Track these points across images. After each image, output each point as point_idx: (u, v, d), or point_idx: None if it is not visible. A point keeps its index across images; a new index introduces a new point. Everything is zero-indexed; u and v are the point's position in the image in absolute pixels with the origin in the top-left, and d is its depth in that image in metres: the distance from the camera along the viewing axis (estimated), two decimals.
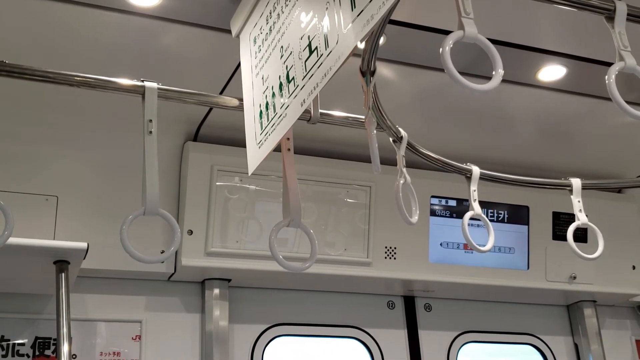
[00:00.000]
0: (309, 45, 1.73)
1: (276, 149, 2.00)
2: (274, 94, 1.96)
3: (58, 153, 3.37)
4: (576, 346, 4.42)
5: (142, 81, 2.12)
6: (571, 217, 2.60)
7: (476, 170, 2.55)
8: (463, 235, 2.37)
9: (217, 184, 3.48)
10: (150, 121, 2.07)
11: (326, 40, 1.64)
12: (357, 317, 3.99)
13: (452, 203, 3.98)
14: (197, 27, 2.70)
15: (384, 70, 3.01)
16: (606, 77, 1.56)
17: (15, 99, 3.05)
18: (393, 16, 1.65)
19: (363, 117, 2.10)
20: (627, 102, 1.52)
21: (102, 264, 3.33)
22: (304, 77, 1.75)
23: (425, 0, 2.55)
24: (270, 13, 2.03)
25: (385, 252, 3.80)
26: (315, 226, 3.58)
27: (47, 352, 3.34)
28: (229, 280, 3.68)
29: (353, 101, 2.25)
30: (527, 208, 4.15)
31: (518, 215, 4.14)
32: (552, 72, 3.10)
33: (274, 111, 1.95)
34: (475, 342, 4.22)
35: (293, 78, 1.82)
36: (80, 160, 3.42)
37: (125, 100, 2.17)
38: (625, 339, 4.57)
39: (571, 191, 2.65)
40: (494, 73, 1.45)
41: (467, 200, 2.50)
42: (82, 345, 3.40)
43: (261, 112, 2.06)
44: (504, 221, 4.09)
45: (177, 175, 3.54)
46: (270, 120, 1.98)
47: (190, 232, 3.42)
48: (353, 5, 1.52)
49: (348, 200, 3.74)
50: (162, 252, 3.12)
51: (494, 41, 1.50)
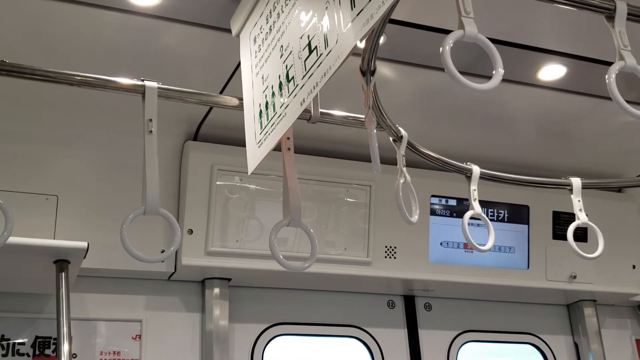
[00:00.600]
0: (309, 45, 1.73)
1: (276, 148, 2.00)
2: (273, 94, 1.96)
3: (58, 152, 3.37)
4: (576, 345, 4.42)
5: (142, 80, 2.12)
6: (571, 217, 2.60)
7: (476, 170, 2.55)
8: (463, 234, 2.37)
9: (217, 183, 3.48)
10: (150, 121, 2.07)
11: (326, 39, 1.64)
12: (357, 317, 3.99)
13: (452, 202, 3.98)
14: (197, 26, 2.70)
15: (384, 70, 3.01)
16: (606, 76, 1.56)
17: (15, 98, 3.05)
18: (393, 15, 1.65)
19: (363, 116, 2.10)
20: (628, 102, 1.52)
21: (102, 264, 3.33)
22: (304, 76, 1.75)
23: None
24: (270, 12, 2.03)
25: (386, 252, 3.79)
26: (316, 225, 3.58)
27: (47, 352, 3.34)
28: (229, 280, 3.68)
29: (353, 100, 2.25)
30: (527, 207, 4.14)
31: (518, 214, 4.13)
32: (552, 71, 3.09)
33: (274, 110, 1.95)
34: (475, 342, 4.22)
35: (293, 77, 1.82)
36: (80, 160, 3.42)
37: (126, 99, 2.17)
38: (625, 339, 4.56)
39: (571, 190, 2.65)
40: (494, 72, 1.45)
41: (467, 200, 2.50)
42: (83, 344, 3.40)
43: (261, 111, 2.06)
44: (504, 220, 4.09)
45: (177, 174, 3.54)
46: (270, 119, 1.98)
47: (191, 231, 3.42)
48: (353, 4, 1.52)
49: (348, 199, 3.74)
50: (163, 251, 3.14)
51: (494, 40, 1.50)
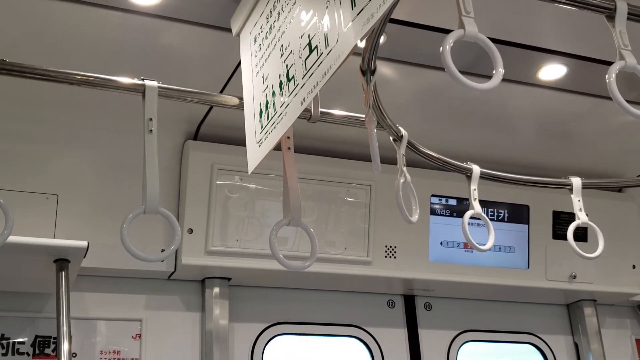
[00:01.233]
0: (309, 44, 1.73)
1: (276, 147, 2.00)
2: (274, 93, 1.96)
3: (58, 152, 3.37)
4: (576, 345, 4.42)
5: (143, 80, 2.12)
6: (571, 216, 2.60)
7: (476, 169, 2.55)
8: (463, 234, 2.37)
9: (217, 182, 3.48)
10: (150, 120, 2.07)
11: (326, 39, 1.64)
12: (357, 316, 3.99)
13: (453, 202, 3.98)
14: (197, 25, 2.70)
15: (384, 69, 3.01)
16: (607, 76, 1.56)
17: (15, 97, 3.05)
18: (393, 15, 1.65)
19: (363, 116, 2.10)
20: (628, 101, 1.51)
21: (102, 263, 3.33)
22: (304, 75, 1.75)
23: None
24: (270, 12, 2.03)
25: (386, 251, 3.79)
26: (316, 225, 3.57)
27: (47, 351, 3.34)
28: (229, 279, 3.67)
29: (353, 100, 2.25)
30: (527, 207, 4.14)
31: (518, 214, 4.13)
32: (552, 71, 3.09)
33: (274, 110, 1.95)
34: (475, 341, 4.22)
35: (293, 77, 1.82)
36: (80, 159, 3.42)
37: (126, 98, 2.17)
38: (625, 338, 4.56)
39: (571, 190, 2.66)
40: (494, 72, 1.45)
41: (467, 199, 2.50)
42: (82, 343, 3.40)
43: (261, 110, 2.06)
44: (504, 220, 4.09)
45: (178, 174, 3.54)
46: (270, 119, 1.98)
47: (191, 230, 3.42)
48: (353, 4, 1.52)
49: (348, 199, 3.74)
50: (163, 250, 3.15)
51: (494, 40, 1.50)
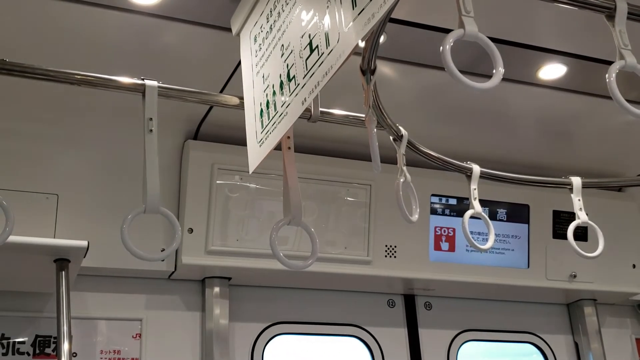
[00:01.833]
0: (310, 44, 1.73)
1: (276, 147, 2.00)
2: (274, 93, 1.96)
3: (58, 151, 3.37)
4: (576, 345, 4.42)
5: (143, 79, 2.12)
6: (571, 216, 2.60)
7: (476, 169, 2.55)
8: (463, 233, 2.37)
9: (217, 182, 3.48)
10: (150, 119, 2.07)
11: (327, 38, 1.64)
12: (357, 316, 3.99)
13: (453, 201, 3.98)
14: (197, 25, 2.70)
15: (384, 69, 3.01)
16: (607, 75, 1.56)
17: (15, 97, 3.05)
18: (393, 15, 1.65)
19: (363, 115, 2.10)
20: (628, 101, 1.51)
21: (103, 262, 3.33)
22: (305, 75, 1.75)
23: None
24: (270, 11, 2.03)
25: (386, 251, 3.79)
26: (316, 225, 3.57)
27: (47, 351, 3.34)
28: (229, 279, 3.67)
29: (353, 100, 2.25)
30: (527, 206, 4.14)
31: (518, 213, 4.13)
32: (552, 70, 3.10)
33: (275, 110, 1.95)
34: (475, 341, 4.22)
35: (294, 77, 1.82)
36: (80, 159, 3.42)
37: (126, 98, 2.17)
38: (626, 338, 4.56)
39: (571, 190, 2.66)
40: (494, 71, 1.45)
41: (467, 199, 2.51)
42: (83, 343, 3.40)
43: (262, 110, 2.06)
44: (504, 220, 4.09)
45: (178, 173, 3.54)
46: (270, 118, 1.98)
47: (191, 230, 3.42)
48: (354, 4, 1.52)
49: (348, 198, 3.74)
50: (163, 250, 3.13)
51: (494, 40, 1.50)
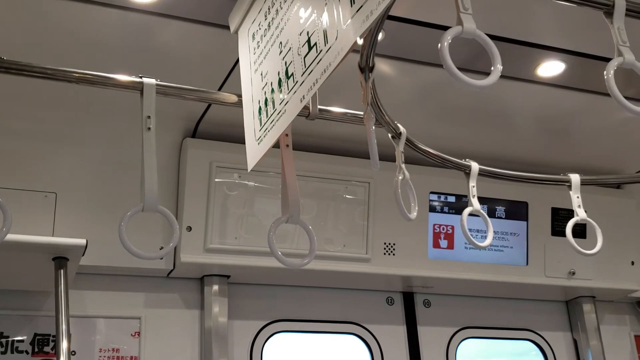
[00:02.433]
0: (308, 41, 1.73)
1: (275, 145, 2.00)
2: (272, 90, 1.95)
3: (57, 150, 3.37)
4: (575, 342, 4.42)
5: (141, 77, 2.12)
6: (570, 213, 2.60)
7: (475, 166, 2.55)
8: (462, 231, 2.37)
9: (216, 180, 3.47)
10: (148, 117, 2.07)
11: (325, 36, 1.64)
12: (356, 313, 3.99)
13: (451, 199, 3.98)
14: (195, 23, 2.70)
15: (382, 66, 3.01)
16: (605, 72, 1.56)
17: (13, 95, 3.04)
18: (392, 12, 1.64)
19: (362, 113, 2.10)
20: (626, 98, 1.51)
21: (101, 261, 3.33)
22: (303, 73, 1.75)
23: None
24: (268, 9, 2.02)
25: (384, 248, 3.80)
26: (314, 222, 3.57)
27: (46, 349, 3.34)
28: (228, 277, 3.67)
29: (352, 97, 2.25)
30: (526, 204, 4.14)
31: (517, 211, 4.14)
32: (551, 67, 3.09)
33: (273, 107, 1.95)
34: (474, 338, 4.23)
35: (292, 74, 1.82)
36: (79, 157, 3.41)
37: (124, 96, 2.17)
38: (624, 335, 4.57)
39: (570, 187, 2.66)
40: (492, 69, 1.45)
41: (466, 196, 2.50)
42: (81, 341, 3.40)
43: (260, 108, 2.05)
44: (503, 217, 4.09)
45: (176, 171, 3.54)
46: (269, 116, 1.98)
47: (189, 228, 3.42)
48: (352, 1, 1.52)
49: (347, 196, 3.74)
50: (161, 248, 3.14)
51: (492, 37, 1.50)
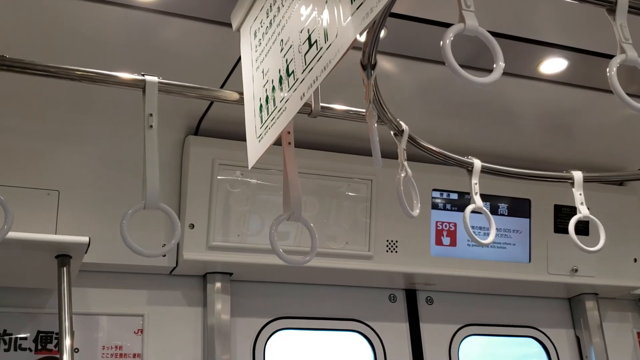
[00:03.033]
0: (309, 39, 1.73)
1: (277, 142, 2.00)
2: (274, 88, 1.95)
3: (59, 147, 3.37)
4: (578, 339, 4.42)
5: (143, 75, 2.12)
6: (573, 210, 2.60)
7: (477, 164, 2.55)
8: (464, 228, 2.37)
9: (218, 177, 3.47)
10: (150, 115, 2.07)
11: (326, 33, 1.64)
12: (358, 311, 3.99)
13: (454, 196, 3.98)
14: (197, 21, 2.70)
15: (384, 64, 3.01)
16: (607, 69, 1.56)
17: (16, 93, 3.04)
18: (394, 9, 1.65)
19: (364, 110, 2.10)
20: (629, 95, 1.51)
21: (104, 258, 3.34)
22: (304, 70, 1.75)
23: None
24: (270, 6, 2.02)
25: (387, 246, 3.79)
26: (317, 220, 3.58)
27: (49, 346, 3.34)
28: (230, 274, 3.68)
29: (354, 94, 2.25)
30: (528, 201, 4.14)
31: (519, 208, 4.13)
32: (553, 64, 3.09)
33: (274, 105, 1.95)
34: (476, 335, 4.23)
35: (293, 71, 1.82)
36: (81, 155, 3.42)
37: (126, 94, 2.17)
38: (627, 332, 4.57)
39: (572, 184, 2.65)
40: (494, 66, 1.45)
41: (468, 194, 2.50)
42: (84, 339, 3.41)
43: (261, 105, 2.05)
44: (506, 214, 4.09)
45: (178, 169, 3.54)
46: (270, 113, 1.98)
47: (192, 226, 3.42)
48: None
49: (349, 193, 3.73)
50: (164, 245, 3.14)
51: (494, 34, 1.49)
